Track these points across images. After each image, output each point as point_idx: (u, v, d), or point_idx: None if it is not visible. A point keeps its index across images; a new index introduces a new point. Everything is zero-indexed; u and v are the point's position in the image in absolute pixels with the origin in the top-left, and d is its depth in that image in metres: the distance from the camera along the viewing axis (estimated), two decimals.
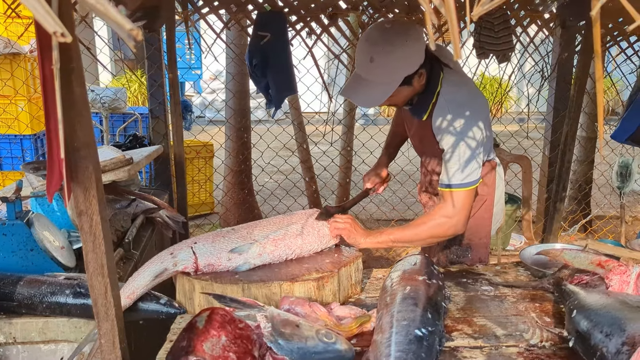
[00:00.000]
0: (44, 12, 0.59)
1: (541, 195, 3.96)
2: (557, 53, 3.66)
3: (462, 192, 1.92)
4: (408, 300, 1.51)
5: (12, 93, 4.61)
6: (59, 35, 0.57)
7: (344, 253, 1.96)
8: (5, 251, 2.01)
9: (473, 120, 1.91)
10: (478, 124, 1.92)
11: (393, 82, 1.86)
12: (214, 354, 1.23)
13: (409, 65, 1.86)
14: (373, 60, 1.82)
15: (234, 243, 1.81)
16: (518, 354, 1.49)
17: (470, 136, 1.90)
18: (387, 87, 1.86)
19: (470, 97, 1.97)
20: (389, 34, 1.83)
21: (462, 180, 1.90)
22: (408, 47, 1.82)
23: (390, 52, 1.81)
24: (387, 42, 1.81)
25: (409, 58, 1.84)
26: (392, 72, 1.85)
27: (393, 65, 1.83)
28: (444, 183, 1.94)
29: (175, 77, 3.19)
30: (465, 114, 1.91)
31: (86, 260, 1.39)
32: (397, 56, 1.82)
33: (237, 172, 4.68)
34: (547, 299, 1.84)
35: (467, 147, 1.89)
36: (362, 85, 1.88)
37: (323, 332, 1.36)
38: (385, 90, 1.86)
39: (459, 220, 1.94)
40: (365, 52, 1.85)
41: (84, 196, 1.31)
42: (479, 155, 1.94)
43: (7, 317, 1.82)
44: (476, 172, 1.93)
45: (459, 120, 1.90)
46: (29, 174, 2.51)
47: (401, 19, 3.35)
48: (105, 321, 1.43)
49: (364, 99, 1.90)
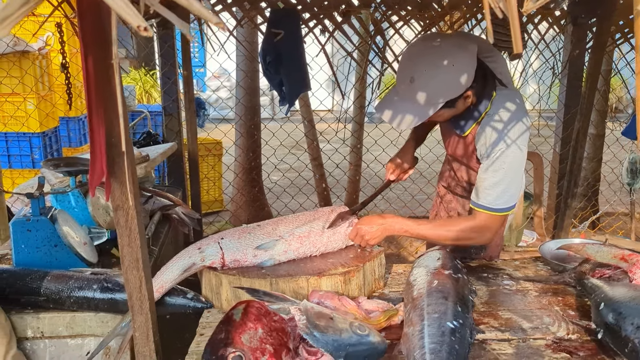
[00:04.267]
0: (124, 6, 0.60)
1: (552, 192, 3.97)
2: (568, 50, 3.67)
3: (498, 216, 1.83)
4: (437, 294, 1.53)
5: (22, 91, 4.62)
6: (142, 29, 0.59)
7: (367, 248, 1.97)
8: (30, 247, 2.02)
9: (519, 148, 1.77)
10: (523, 151, 1.79)
11: (433, 106, 1.69)
12: (252, 345, 1.25)
13: (453, 91, 1.68)
14: (413, 81, 1.66)
15: (260, 239, 1.83)
16: (546, 346, 1.50)
17: (514, 164, 1.79)
18: (425, 110, 1.69)
19: (519, 123, 1.79)
20: (435, 53, 1.66)
21: (500, 205, 1.81)
22: (454, 72, 1.64)
23: (433, 76, 1.65)
24: (430, 64, 1.65)
25: (453, 83, 1.66)
26: (432, 97, 1.67)
27: (434, 90, 1.66)
28: (479, 203, 1.84)
29: (189, 74, 3.21)
30: (513, 140, 1.76)
31: (122, 255, 1.41)
32: (440, 80, 1.65)
33: (247, 169, 4.70)
34: (569, 292, 1.86)
35: (510, 175, 1.79)
36: (398, 104, 1.72)
37: (357, 325, 1.38)
38: (422, 114, 1.69)
39: (487, 239, 1.90)
40: (406, 70, 1.70)
41: (121, 191, 1.33)
42: (520, 182, 1.87)
43: (34, 312, 1.84)
44: (514, 198, 1.83)
45: (505, 148, 1.76)
46: (48, 170, 2.52)
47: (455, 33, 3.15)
48: (139, 314, 1.45)
49: (398, 120, 1.71)
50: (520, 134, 1.78)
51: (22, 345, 1.84)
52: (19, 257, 2.01)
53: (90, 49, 1.14)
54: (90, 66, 1.14)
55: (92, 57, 1.14)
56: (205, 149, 5.19)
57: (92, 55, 1.14)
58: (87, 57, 1.14)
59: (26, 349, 1.85)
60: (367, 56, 3.93)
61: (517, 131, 1.77)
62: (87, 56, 1.14)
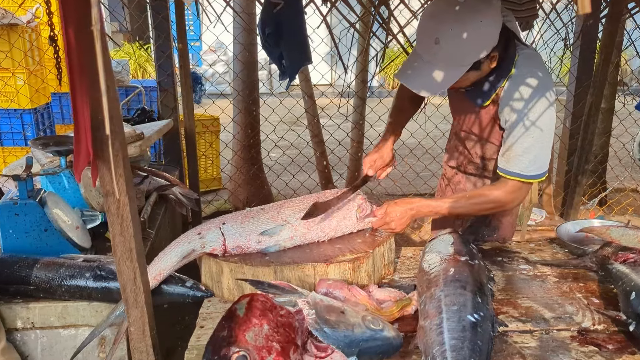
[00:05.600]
0: None
1: (561, 168, 3.85)
2: (581, 20, 3.51)
3: (529, 183, 1.77)
4: (454, 284, 1.42)
5: (11, 66, 4.44)
6: None
7: (375, 232, 1.86)
8: (18, 232, 1.91)
9: (549, 109, 1.71)
10: (553, 113, 1.72)
11: (460, 68, 1.62)
12: (257, 344, 1.15)
13: (481, 50, 1.61)
14: (438, 42, 1.58)
15: (264, 224, 1.71)
16: (572, 338, 1.40)
17: (548, 126, 1.71)
18: (453, 73, 1.62)
19: (546, 82, 1.73)
20: (460, 10, 1.57)
21: (533, 172, 1.74)
22: (482, 29, 1.57)
23: (459, 35, 1.57)
24: (457, 22, 1.57)
25: (481, 42, 1.59)
26: (460, 58, 1.61)
27: (462, 50, 1.59)
28: (511, 171, 1.76)
29: (185, 47, 3.05)
30: (542, 102, 1.69)
31: (113, 244, 1.29)
32: (468, 39, 1.57)
33: (246, 146, 4.56)
34: (590, 278, 1.76)
35: (544, 138, 1.72)
36: (422, 68, 1.64)
37: (370, 319, 1.27)
38: (449, 77, 1.62)
39: (509, 208, 1.84)
40: (430, 31, 1.61)
41: (110, 175, 1.21)
42: (551, 146, 1.78)
43: (24, 302, 1.74)
44: (547, 163, 1.77)
45: (535, 109, 1.69)
46: (37, 150, 2.39)
47: None
48: (134, 308, 1.35)
49: (424, 86, 1.64)
50: (550, 95, 1.71)
51: (12, 337, 1.74)
52: (6, 243, 1.90)
53: (69, 15, 1.00)
54: (70, 35, 1.00)
55: (72, 24, 1.01)
56: (202, 125, 5.03)
57: (72, 22, 1.01)
58: (67, 26, 1.00)
59: (16, 340, 1.75)
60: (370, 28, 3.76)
61: (546, 91, 1.70)
62: (67, 24, 1.00)
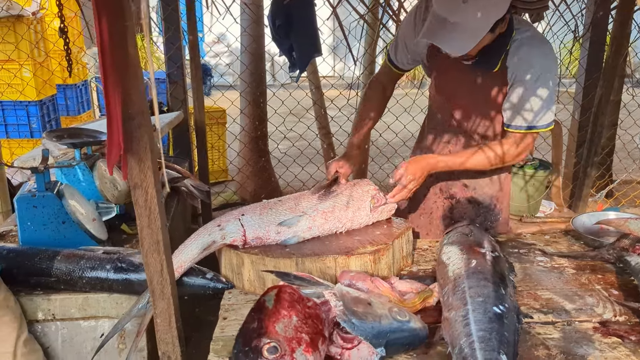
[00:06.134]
0: None
1: (569, 161, 3.85)
2: (592, 11, 3.49)
3: (537, 133, 1.90)
4: (477, 275, 1.43)
5: (18, 57, 4.42)
6: None
7: (393, 224, 1.87)
8: (36, 224, 1.91)
9: (555, 60, 1.88)
10: (554, 61, 1.89)
11: (484, 26, 1.69)
12: (287, 335, 1.15)
13: (502, 8, 1.71)
14: (466, 1, 1.65)
15: (282, 215, 1.72)
16: (594, 329, 1.41)
17: (554, 77, 1.87)
18: (477, 32, 1.69)
19: (545, 39, 1.92)
20: None
21: (543, 122, 1.87)
22: None
23: None
24: None
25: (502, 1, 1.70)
26: (486, 16, 1.68)
27: (488, 8, 1.67)
28: (520, 125, 1.88)
29: (195, 39, 3.04)
30: (545, 52, 1.84)
31: (141, 237, 1.30)
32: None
33: (254, 138, 4.56)
34: (608, 270, 1.77)
35: (552, 88, 1.84)
36: (448, 29, 1.69)
37: (396, 310, 1.28)
38: (474, 36, 1.69)
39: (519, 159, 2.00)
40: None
41: (139, 168, 1.22)
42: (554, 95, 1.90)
43: (45, 294, 1.74)
44: (553, 111, 1.88)
45: (547, 63, 1.84)
46: (50, 142, 2.39)
47: None
48: (161, 300, 1.36)
49: (455, 45, 1.71)
50: (550, 48, 1.87)
51: (33, 328, 1.75)
52: (25, 235, 1.91)
53: (103, 10, 1.00)
54: (104, 30, 1.01)
55: (106, 19, 1.00)
56: (209, 117, 5.03)
57: (106, 17, 1.00)
58: (100, 20, 1.00)
59: (37, 331, 1.76)
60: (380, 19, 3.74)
61: (548, 46, 1.86)
62: (101, 18, 1.00)
